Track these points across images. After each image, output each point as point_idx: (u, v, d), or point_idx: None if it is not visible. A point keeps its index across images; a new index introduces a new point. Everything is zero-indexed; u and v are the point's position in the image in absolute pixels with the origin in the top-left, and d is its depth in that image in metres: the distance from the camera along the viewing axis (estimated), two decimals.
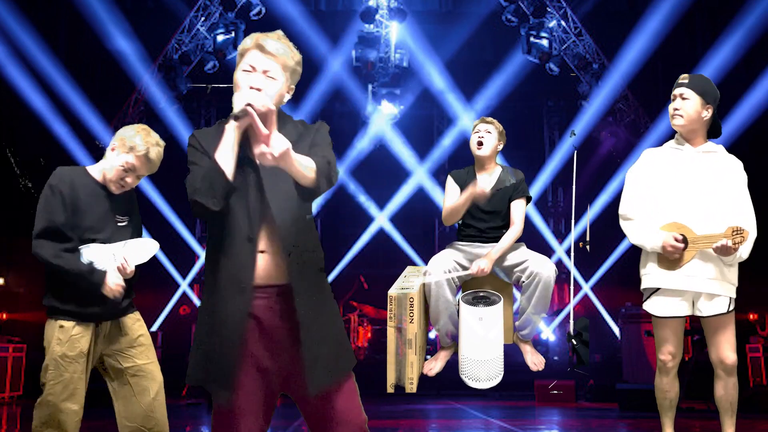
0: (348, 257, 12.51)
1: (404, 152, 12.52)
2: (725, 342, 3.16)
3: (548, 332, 11.35)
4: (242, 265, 2.05)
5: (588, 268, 11.46)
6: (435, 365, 3.98)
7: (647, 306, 3.27)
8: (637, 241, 3.24)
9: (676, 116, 3.22)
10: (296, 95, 2.10)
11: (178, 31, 10.85)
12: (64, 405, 2.69)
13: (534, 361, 3.98)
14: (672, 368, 3.26)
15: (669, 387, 3.29)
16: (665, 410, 3.32)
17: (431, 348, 9.93)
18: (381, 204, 12.77)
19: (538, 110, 13.58)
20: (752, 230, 3.13)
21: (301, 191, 2.07)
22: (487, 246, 3.80)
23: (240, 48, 2.16)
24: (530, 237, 3.92)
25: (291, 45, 2.17)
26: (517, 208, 3.82)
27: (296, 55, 2.17)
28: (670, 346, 3.23)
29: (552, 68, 10.80)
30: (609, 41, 10.77)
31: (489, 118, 3.93)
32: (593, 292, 11.72)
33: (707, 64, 9.44)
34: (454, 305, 3.73)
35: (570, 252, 4.36)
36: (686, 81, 3.24)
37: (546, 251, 11.09)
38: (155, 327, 11.66)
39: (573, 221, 4.38)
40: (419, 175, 12.50)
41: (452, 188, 3.89)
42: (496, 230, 3.83)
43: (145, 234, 3.04)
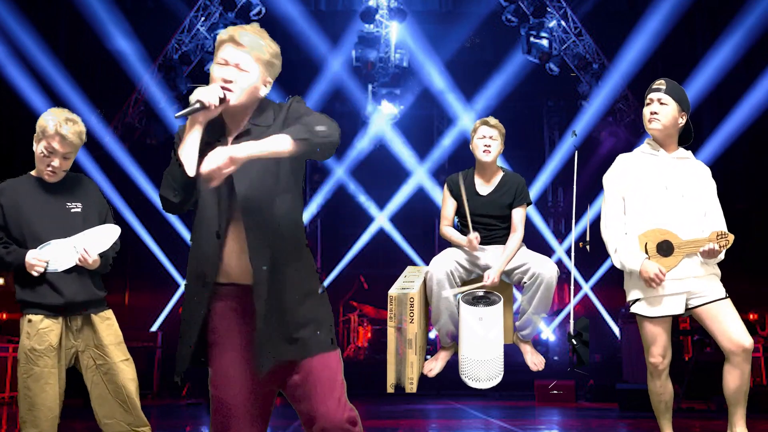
0: (348, 257, 12.51)
1: (404, 152, 12.52)
2: (735, 325, 3.09)
3: (548, 332, 11.35)
4: (207, 260, 2.07)
5: (588, 268, 11.45)
6: (435, 365, 3.98)
7: (636, 309, 3.27)
8: (619, 265, 3.27)
9: (654, 120, 3.23)
10: (296, 95, 2.08)
11: (178, 31, 10.84)
12: (38, 399, 2.72)
13: (534, 361, 3.98)
14: (663, 370, 3.23)
15: (662, 389, 3.26)
16: (662, 413, 3.31)
17: (431, 348, 9.92)
18: (381, 204, 12.76)
19: (538, 110, 13.58)
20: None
21: (305, 157, 2.10)
22: (487, 247, 3.80)
23: (216, 41, 2.14)
24: (530, 237, 3.92)
25: (267, 37, 2.13)
26: (518, 215, 3.83)
27: (271, 48, 2.13)
28: (660, 348, 3.21)
29: (552, 68, 10.80)
30: (609, 41, 10.77)
31: (492, 120, 3.88)
32: (593, 292, 11.71)
33: (707, 64, 9.44)
34: (455, 305, 3.73)
35: (570, 252, 4.36)
36: (663, 87, 3.25)
37: (546, 251, 11.08)
38: (155, 327, 11.65)
39: (573, 221, 4.38)
40: (419, 175, 12.49)
41: (447, 198, 3.91)
42: (496, 232, 3.84)
43: (144, 234, 3.04)
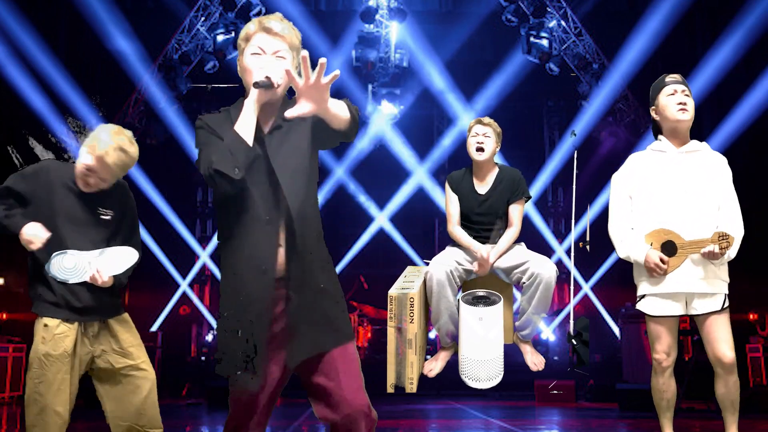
0: (348, 257, 12.50)
1: (404, 152, 12.51)
2: (721, 339, 3.13)
3: (548, 332, 11.35)
4: (262, 248, 2.08)
5: (588, 268, 11.46)
6: (435, 365, 3.98)
7: (640, 306, 3.28)
8: (624, 255, 3.28)
9: (684, 110, 3.19)
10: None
11: (178, 31, 10.84)
12: (50, 407, 2.67)
13: (534, 361, 3.98)
14: (667, 367, 3.24)
15: (665, 387, 3.27)
16: (663, 411, 3.31)
17: (431, 348, 9.93)
18: (381, 204, 12.75)
19: (538, 110, 13.58)
20: (739, 229, 3.15)
21: (333, 135, 2.11)
22: (486, 246, 3.80)
23: (244, 33, 2.18)
24: (530, 237, 3.92)
25: (292, 25, 2.22)
26: (516, 210, 3.83)
27: (299, 34, 2.22)
28: (665, 345, 3.22)
29: (552, 68, 10.80)
30: (609, 41, 10.77)
31: (486, 119, 3.89)
32: (593, 292, 11.71)
33: (707, 64, 9.44)
34: (455, 305, 3.73)
35: (570, 252, 4.36)
36: (681, 78, 3.27)
37: (546, 251, 11.07)
38: (155, 327, 11.64)
39: (573, 221, 4.38)
40: (419, 175, 12.48)
41: (451, 195, 3.92)
42: (495, 230, 3.84)
43: (144, 234, 3.02)
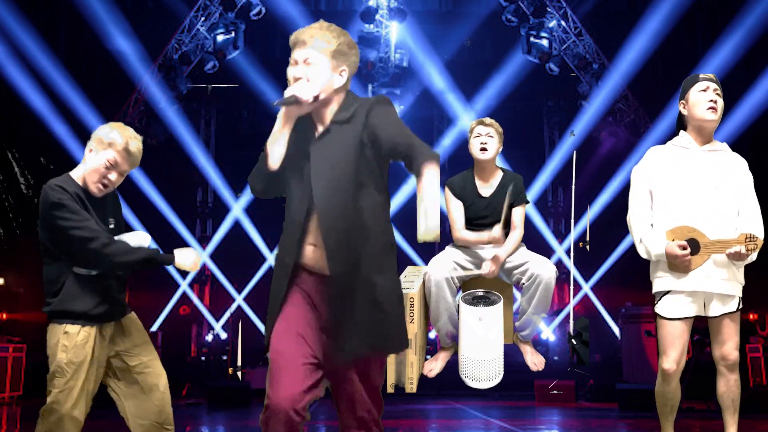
0: None
1: None
2: (730, 340, 3.11)
3: (548, 332, 11.35)
4: (289, 247, 2.20)
5: (588, 268, 11.46)
6: (435, 366, 3.98)
7: (659, 308, 3.14)
8: (645, 254, 3.16)
9: (714, 111, 3.12)
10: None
11: (178, 31, 10.85)
12: (70, 413, 2.65)
13: (534, 361, 3.97)
14: (677, 377, 3.15)
15: (673, 394, 3.20)
16: (666, 414, 3.25)
17: (431, 348, 9.93)
18: None
19: (538, 110, 13.58)
20: (760, 232, 3.08)
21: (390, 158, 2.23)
22: (486, 248, 3.80)
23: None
24: (530, 237, 3.91)
25: (333, 30, 2.25)
26: (518, 214, 3.82)
27: (339, 38, 2.24)
28: (677, 353, 3.10)
29: (552, 68, 10.81)
30: (609, 41, 10.78)
31: (488, 120, 3.88)
32: (593, 292, 11.72)
33: (707, 64, 9.43)
34: (454, 306, 3.73)
35: (570, 252, 4.36)
36: (716, 79, 3.18)
37: (546, 251, 11.09)
38: (155, 327, 11.65)
39: (573, 221, 4.38)
40: None
41: (453, 201, 3.85)
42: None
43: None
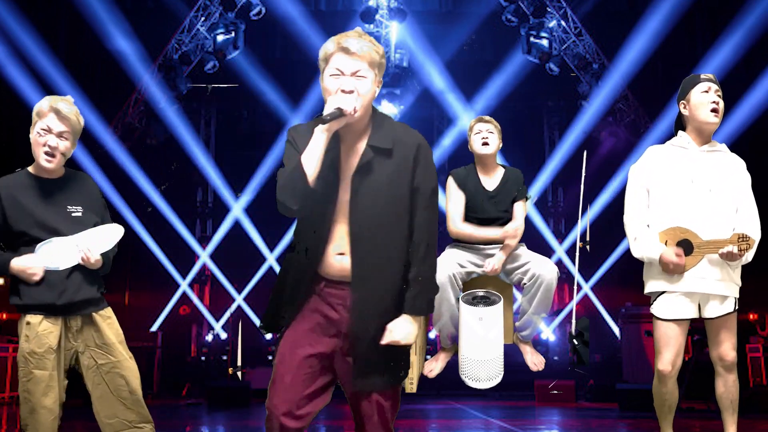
0: None
1: None
2: (727, 340, 3.11)
3: (548, 332, 11.35)
4: (306, 258, 2.16)
5: (588, 268, 11.46)
6: (435, 366, 3.97)
7: (654, 309, 3.15)
8: (638, 255, 3.18)
9: (716, 114, 3.12)
10: (296, 95, 2.09)
11: (178, 31, 10.84)
12: (39, 403, 2.70)
13: (534, 361, 3.97)
14: (673, 377, 3.15)
15: (669, 395, 3.20)
16: (664, 414, 3.26)
17: (431, 348, 9.93)
18: None
19: (538, 110, 13.58)
20: (757, 232, 3.08)
21: None
22: (488, 247, 3.79)
23: (322, 53, 2.16)
24: (530, 237, 3.91)
25: (373, 39, 2.19)
26: (520, 209, 3.83)
27: (380, 48, 2.19)
28: (673, 353, 3.10)
29: (552, 68, 10.81)
30: (609, 41, 10.77)
31: (487, 117, 3.90)
32: (593, 292, 11.72)
33: (707, 64, 9.44)
34: (456, 307, 3.72)
35: (574, 252, 4.35)
36: (716, 79, 3.18)
37: (546, 251, 11.08)
38: (155, 327, 11.64)
39: (579, 222, 4.37)
40: None
41: (455, 192, 3.83)
42: (499, 226, 3.83)
43: (144, 234, 3.01)
